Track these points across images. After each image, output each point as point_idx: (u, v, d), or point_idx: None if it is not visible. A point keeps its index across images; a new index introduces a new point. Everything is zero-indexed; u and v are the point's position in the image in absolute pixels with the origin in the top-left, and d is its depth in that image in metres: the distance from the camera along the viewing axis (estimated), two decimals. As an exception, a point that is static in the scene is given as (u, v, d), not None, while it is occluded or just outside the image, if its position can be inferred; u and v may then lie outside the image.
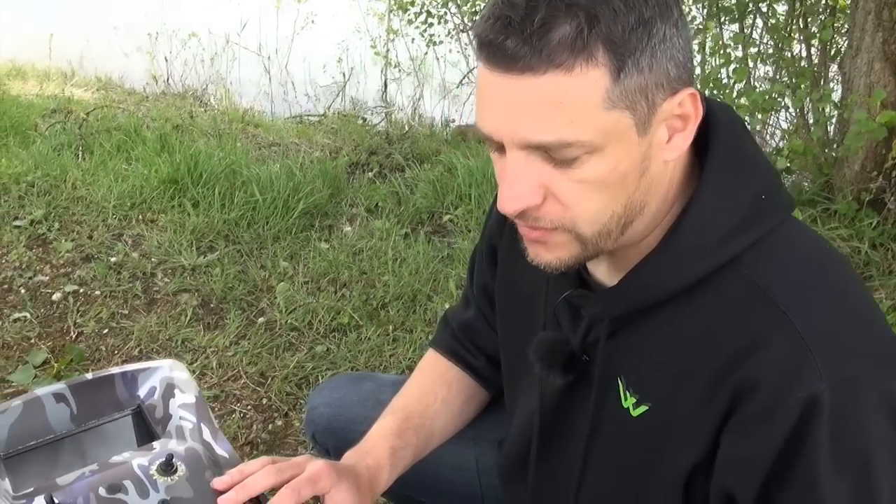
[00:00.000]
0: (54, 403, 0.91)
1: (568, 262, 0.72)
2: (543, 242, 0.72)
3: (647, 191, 0.70)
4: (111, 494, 0.80)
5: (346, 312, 2.15)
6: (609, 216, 0.69)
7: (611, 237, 0.71)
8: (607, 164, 0.66)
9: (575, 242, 0.71)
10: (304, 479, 0.84)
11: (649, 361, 0.75)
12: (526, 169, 0.67)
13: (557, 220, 0.69)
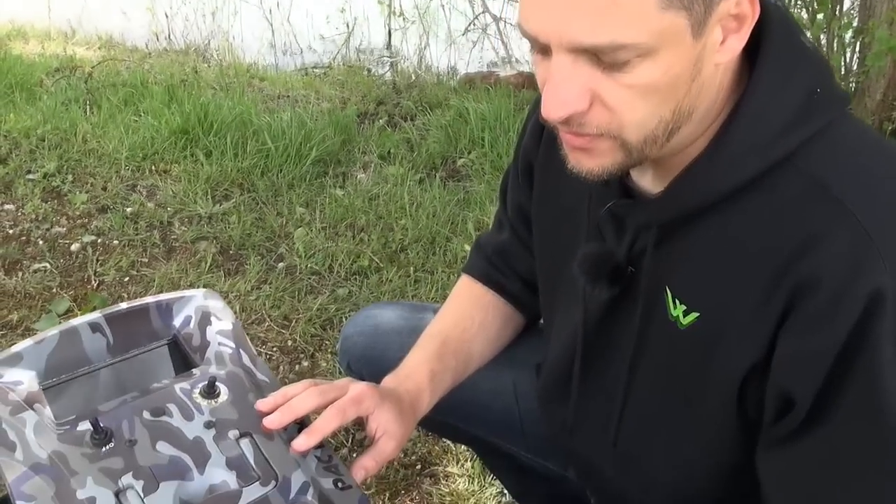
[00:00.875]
0: (90, 333, 0.90)
1: (611, 169, 0.70)
2: (586, 150, 0.69)
3: (697, 96, 0.67)
4: (155, 418, 0.79)
5: (366, 256, 2.14)
6: (657, 123, 0.66)
7: (657, 144, 0.68)
8: (659, 69, 0.63)
9: (619, 150, 0.68)
10: (348, 399, 0.83)
11: (698, 268, 0.73)
12: (573, 73, 0.64)
13: (603, 127, 0.66)
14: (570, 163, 0.71)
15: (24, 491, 0.74)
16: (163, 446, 0.76)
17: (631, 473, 0.89)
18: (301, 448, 0.79)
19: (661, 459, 0.85)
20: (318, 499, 0.75)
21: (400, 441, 0.86)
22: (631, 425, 0.85)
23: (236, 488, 0.74)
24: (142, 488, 0.72)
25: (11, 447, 0.78)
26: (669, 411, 0.81)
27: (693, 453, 0.81)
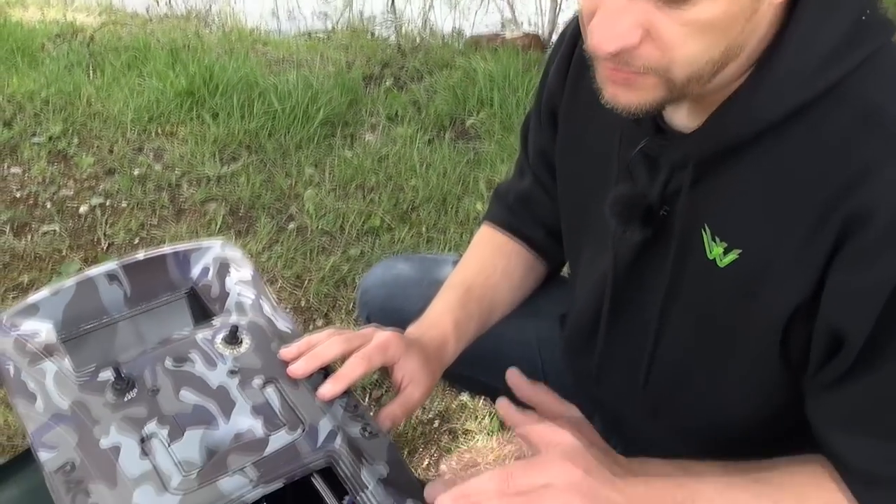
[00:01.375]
0: (107, 284, 0.88)
1: (649, 105, 0.67)
2: (628, 84, 0.66)
3: (749, 34, 0.64)
4: (177, 366, 0.77)
5: (377, 215, 2.11)
6: (706, 61, 0.63)
7: (700, 82, 0.65)
8: (720, 6, 0.60)
9: (662, 86, 0.65)
10: (373, 346, 0.81)
11: (739, 206, 0.70)
12: (629, 6, 0.61)
13: (652, 63, 0.63)
14: (606, 96, 0.68)
15: (45, 441, 0.72)
16: (186, 394, 0.75)
17: (661, 421, 0.88)
18: (327, 395, 0.77)
19: (694, 405, 0.83)
20: (346, 446, 0.73)
21: (426, 389, 0.84)
22: (661, 371, 0.84)
23: (263, 435, 0.72)
24: (167, 435, 0.71)
25: (31, 398, 0.76)
26: (704, 355, 0.79)
27: (728, 397, 0.79)
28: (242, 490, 0.67)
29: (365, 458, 0.73)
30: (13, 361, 0.79)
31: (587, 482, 0.62)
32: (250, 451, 0.70)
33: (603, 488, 0.63)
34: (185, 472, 0.68)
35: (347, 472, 0.71)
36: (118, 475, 0.68)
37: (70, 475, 0.69)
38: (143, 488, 0.67)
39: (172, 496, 0.66)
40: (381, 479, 0.72)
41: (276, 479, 0.69)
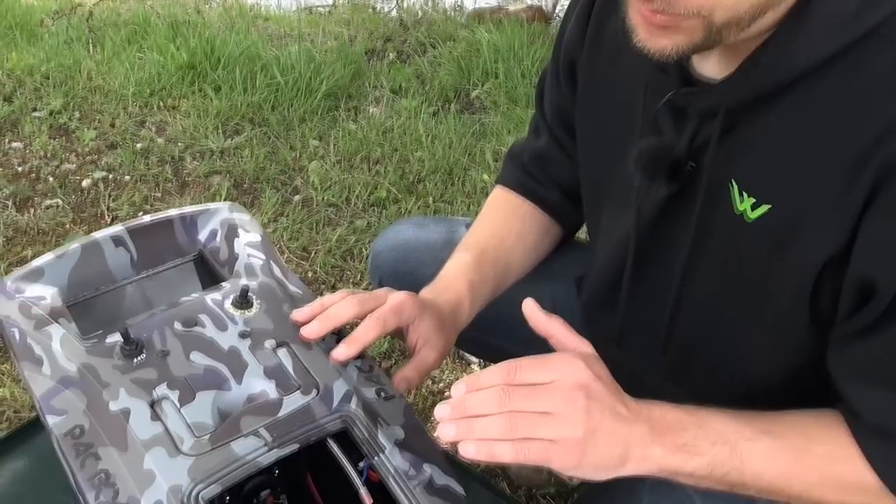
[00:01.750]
0: (113, 248, 0.86)
1: (683, 50, 0.63)
2: (664, 28, 0.63)
3: None
4: (187, 329, 0.75)
5: (384, 187, 2.09)
6: (749, 5, 0.60)
7: (739, 27, 0.61)
8: None
9: (700, 30, 0.61)
10: (387, 308, 0.79)
11: (770, 157, 0.68)
12: None
13: (695, 7, 0.59)
14: (638, 39, 0.64)
15: (53, 405, 0.70)
16: (197, 356, 0.73)
17: (682, 381, 0.86)
18: (341, 358, 0.75)
19: (717, 364, 0.81)
20: (361, 408, 0.71)
21: (441, 352, 0.82)
22: (685, 330, 0.81)
23: (276, 397, 0.70)
24: (178, 398, 0.69)
25: (38, 362, 0.74)
26: (729, 313, 0.76)
27: (752, 356, 0.77)
28: (257, 452, 0.66)
29: (381, 421, 0.71)
30: (18, 325, 0.77)
31: (596, 385, 0.63)
32: (264, 413, 0.69)
33: (609, 397, 0.64)
34: (197, 435, 0.66)
35: (363, 434, 0.69)
36: (129, 438, 0.66)
37: (79, 439, 0.68)
38: (154, 451, 0.65)
39: (185, 458, 0.65)
40: (398, 441, 0.70)
41: (290, 441, 0.67)
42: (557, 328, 0.69)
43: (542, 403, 0.61)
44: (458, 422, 0.61)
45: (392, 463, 0.68)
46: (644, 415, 0.65)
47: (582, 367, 0.63)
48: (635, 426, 0.63)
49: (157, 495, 0.63)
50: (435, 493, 0.67)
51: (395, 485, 0.66)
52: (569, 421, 0.61)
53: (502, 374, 0.63)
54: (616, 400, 0.64)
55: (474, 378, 0.64)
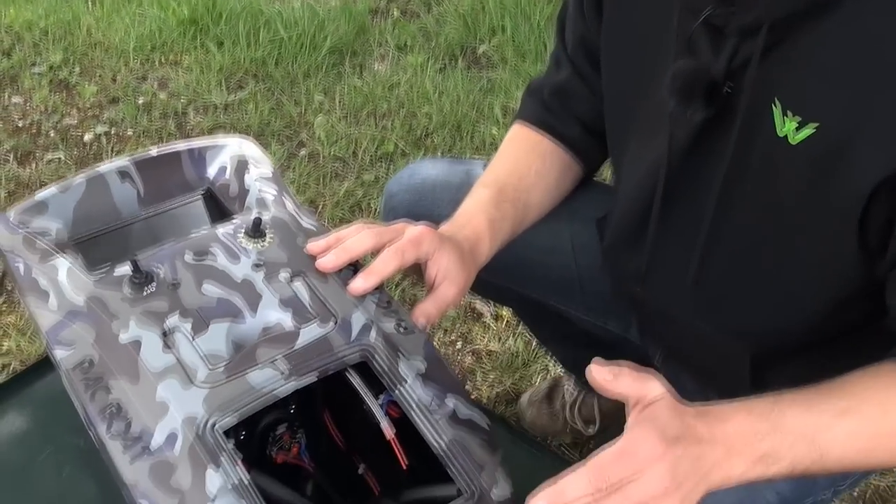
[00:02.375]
0: (119, 182, 0.83)
1: None
2: None
3: None
4: (198, 259, 0.72)
5: (391, 141, 2.05)
6: None
7: None
8: None
9: None
10: (406, 241, 0.76)
11: (815, 75, 0.64)
12: None
13: None
14: None
15: (61, 339, 0.68)
16: (209, 287, 0.70)
17: (711, 321, 0.83)
18: (358, 290, 0.72)
19: (752, 298, 0.78)
20: (381, 340, 0.68)
21: (461, 288, 0.79)
22: (717, 265, 0.78)
23: (293, 328, 0.67)
24: (190, 329, 0.66)
25: (44, 295, 0.71)
26: (767, 244, 0.73)
27: (792, 287, 0.74)
28: (273, 383, 0.63)
29: (401, 353, 0.68)
30: (23, 258, 0.74)
31: (675, 447, 0.56)
32: (280, 343, 0.66)
33: (688, 439, 0.57)
34: (211, 366, 0.64)
35: (384, 366, 0.66)
36: (140, 370, 0.64)
37: (89, 372, 0.65)
38: (167, 382, 0.62)
39: (199, 389, 0.62)
40: (420, 374, 0.67)
41: (308, 372, 0.64)
42: (626, 383, 0.59)
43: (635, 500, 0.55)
44: None
45: (414, 394, 0.65)
46: (719, 434, 0.58)
47: (657, 437, 0.56)
48: (713, 450, 0.58)
49: (171, 426, 0.60)
50: (459, 425, 0.65)
51: (417, 416, 0.64)
52: (661, 499, 0.55)
53: (588, 483, 0.54)
54: (692, 431, 0.58)
55: (556, 493, 0.55)
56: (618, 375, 0.59)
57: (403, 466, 0.64)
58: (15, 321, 1.45)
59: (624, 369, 0.59)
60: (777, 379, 0.79)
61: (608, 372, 0.60)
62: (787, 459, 0.60)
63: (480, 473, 0.62)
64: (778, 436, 0.59)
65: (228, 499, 0.57)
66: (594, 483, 0.54)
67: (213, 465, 0.58)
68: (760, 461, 0.59)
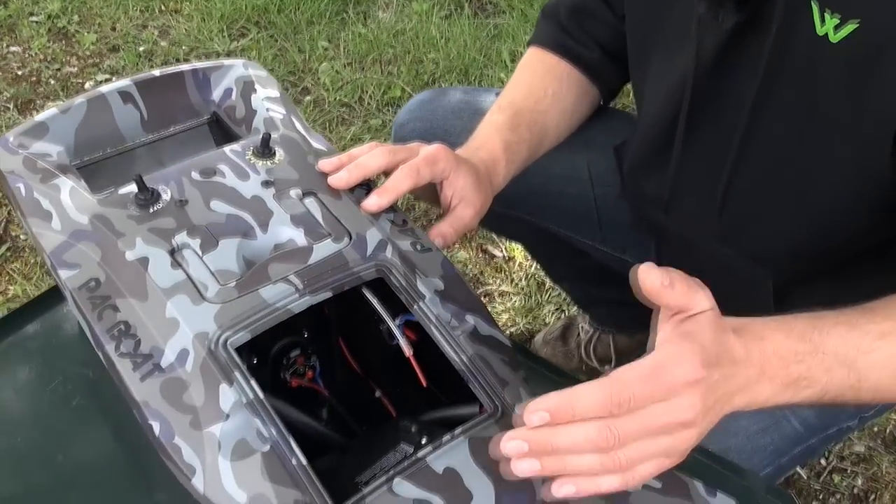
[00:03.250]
0: (121, 104, 0.80)
1: None
2: None
3: None
4: (205, 178, 0.69)
5: (398, 86, 2.01)
6: None
7: None
8: None
9: None
10: (421, 159, 0.73)
11: None
12: None
13: None
14: None
15: (65, 260, 0.65)
16: (218, 205, 0.67)
17: (738, 242, 0.80)
18: (373, 207, 0.69)
19: (778, 220, 0.75)
20: (398, 257, 0.66)
21: (478, 210, 0.76)
22: (747, 184, 0.75)
23: (306, 244, 0.65)
24: (199, 246, 0.64)
25: (46, 217, 0.69)
26: (798, 158, 0.70)
27: (821, 205, 0.71)
28: (287, 299, 0.60)
29: (419, 271, 0.66)
30: (24, 179, 0.71)
31: (711, 369, 0.49)
32: (293, 260, 0.63)
33: (725, 370, 0.51)
34: (222, 282, 0.61)
35: (401, 282, 0.64)
36: (148, 287, 0.61)
37: (95, 291, 0.63)
38: (177, 298, 0.60)
39: (210, 305, 0.60)
40: (438, 292, 0.65)
41: (323, 288, 0.62)
42: (680, 292, 0.51)
43: (656, 434, 0.48)
44: (544, 456, 0.47)
45: (433, 311, 0.63)
46: (756, 354, 0.53)
47: (697, 358, 0.49)
48: (746, 371, 0.53)
49: (182, 343, 0.58)
50: (481, 342, 0.62)
51: (437, 332, 0.62)
52: (684, 433, 0.49)
53: (608, 397, 0.46)
54: (730, 350, 0.52)
55: (564, 401, 0.47)
56: (674, 281, 0.50)
57: (423, 384, 0.62)
58: (20, 267, 1.43)
59: (677, 275, 0.51)
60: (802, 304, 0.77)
61: (665, 276, 0.50)
62: (821, 384, 0.56)
63: (503, 389, 0.60)
64: (816, 359, 0.55)
65: (243, 415, 0.55)
66: (615, 398, 0.46)
67: (227, 381, 0.56)
68: (792, 384, 0.55)
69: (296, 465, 0.53)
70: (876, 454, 1.26)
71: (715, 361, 0.50)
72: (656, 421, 0.47)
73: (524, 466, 0.47)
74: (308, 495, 0.52)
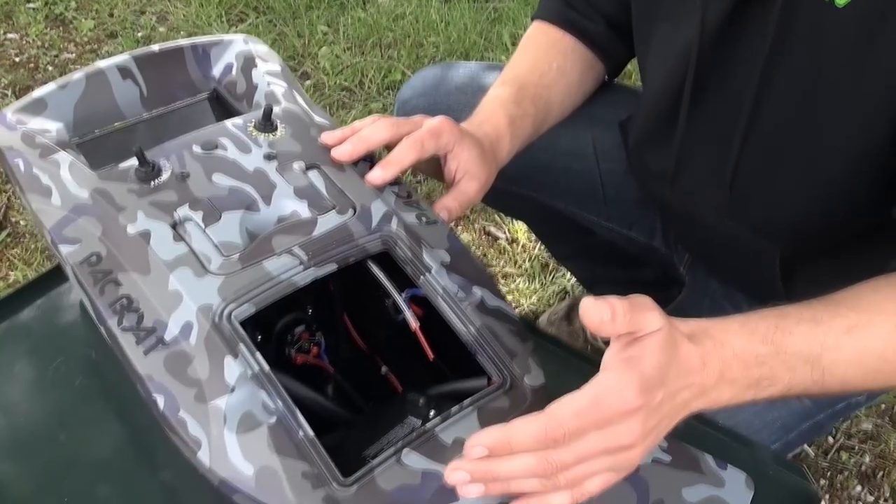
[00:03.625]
0: (120, 80, 0.79)
1: None
2: None
3: None
4: (207, 151, 0.68)
5: (398, 69, 1.99)
6: None
7: None
8: None
9: None
10: (426, 131, 0.71)
11: None
12: None
13: None
14: None
15: (66, 235, 0.64)
16: (220, 178, 0.66)
17: (745, 215, 0.79)
18: (376, 181, 0.68)
19: (786, 192, 0.74)
20: (403, 230, 0.65)
21: (482, 184, 0.75)
22: (753, 156, 0.74)
23: (310, 217, 0.64)
24: (201, 219, 0.63)
25: (46, 192, 0.68)
26: (807, 127, 0.69)
27: (829, 175, 0.70)
28: (291, 271, 0.60)
29: (425, 243, 0.65)
30: (22, 155, 0.70)
31: (655, 392, 0.49)
32: (297, 232, 0.62)
33: (673, 385, 0.50)
34: (225, 254, 0.60)
35: (407, 254, 0.63)
36: (150, 261, 0.60)
37: (96, 266, 0.62)
38: (179, 271, 0.59)
39: (214, 278, 0.59)
40: (445, 264, 0.64)
41: (328, 260, 0.61)
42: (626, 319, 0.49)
43: (597, 456, 0.49)
44: (488, 482, 0.49)
45: (440, 283, 0.62)
46: (714, 361, 0.52)
47: (635, 386, 0.48)
48: (703, 378, 0.52)
49: (186, 316, 0.57)
50: (488, 313, 0.61)
51: (444, 303, 0.61)
52: (627, 454, 0.49)
53: (543, 431, 0.47)
54: (685, 362, 0.51)
55: (501, 437, 0.48)
56: (615, 312, 0.48)
57: (430, 357, 0.61)
58: (20, 253, 1.42)
59: (619, 304, 0.49)
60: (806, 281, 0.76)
61: (605, 309, 0.49)
62: (784, 382, 0.56)
63: (512, 361, 0.59)
64: (778, 359, 0.55)
65: (248, 388, 0.54)
66: (549, 434, 0.47)
67: (232, 353, 0.55)
68: (753, 385, 0.55)
69: (303, 437, 0.52)
70: (884, 431, 1.25)
71: (658, 383, 0.49)
72: (594, 448, 0.48)
73: (470, 490, 0.49)
74: (316, 467, 0.51)
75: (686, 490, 0.70)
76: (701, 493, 0.69)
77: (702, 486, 0.70)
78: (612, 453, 0.49)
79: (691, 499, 0.69)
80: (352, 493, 0.51)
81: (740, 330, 0.55)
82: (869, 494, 1.18)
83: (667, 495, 0.69)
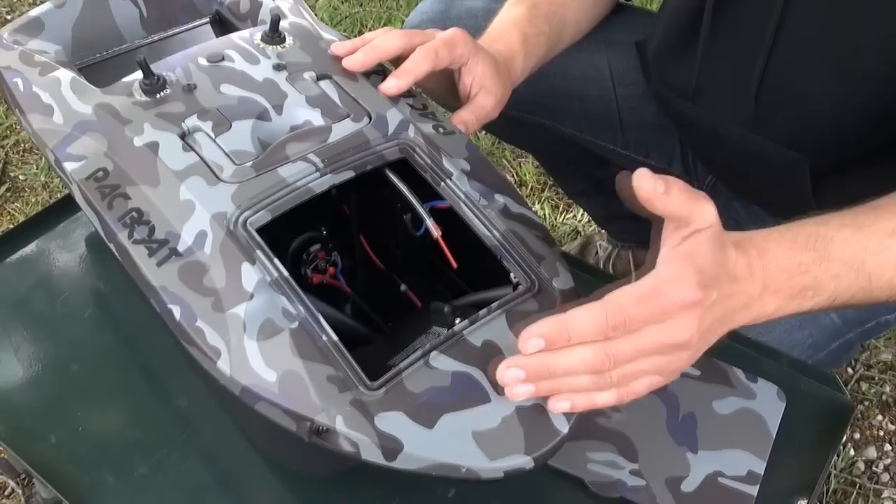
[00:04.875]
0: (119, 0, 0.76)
1: None
2: None
3: None
4: (214, 62, 0.66)
5: (398, 18, 1.95)
6: None
7: None
8: None
9: None
10: (440, 41, 0.69)
11: None
12: None
13: None
14: None
15: (70, 153, 0.62)
16: (228, 88, 0.63)
17: (769, 127, 0.76)
18: (391, 90, 0.66)
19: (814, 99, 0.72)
20: (421, 138, 0.62)
21: (498, 99, 0.73)
22: (780, 63, 0.71)
23: (324, 124, 0.61)
24: (211, 129, 0.60)
25: (48, 111, 0.65)
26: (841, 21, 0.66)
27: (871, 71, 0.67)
28: (307, 178, 0.57)
29: (444, 151, 0.62)
30: (21, 74, 0.67)
31: (710, 290, 0.47)
32: (312, 138, 0.60)
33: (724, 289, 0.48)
34: (238, 163, 0.58)
35: (426, 161, 0.61)
36: (160, 172, 0.58)
37: (104, 181, 0.59)
38: (191, 181, 0.57)
39: (227, 186, 0.56)
40: (465, 171, 0.61)
41: (344, 167, 0.58)
42: (679, 201, 0.47)
43: (650, 354, 0.47)
44: (540, 380, 0.47)
45: (461, 188, 0.59)
46: (759, 270, 0.50)
47: (694, 280, 0.46)
48: (748, 288, 0.50)
49: (199, 225, 0.55)
50: (512, 219, 0.59)
51: (466, 209, 0.58)
52: (679, 354, 0.48)
53: (604, 320, 0.45)
54: (731, 268, 0.49)
55: (560, 326, 0.46)
56: (671, 188, 0.46)
57: (454, 266, 0.59)
58: (21, 206, 1.40)
59: (676, 184, 0.47)
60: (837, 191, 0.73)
61: (660, 182, 0.46)
62: (830, 290, 0.53)
63: (539, 265, 0.57)
64: (822, 267, 0.52)
65: (268, 294, 0.52)
66: (610, 321, 0.45)
67: (249, 260, 0.53)
68: (798, 295, 0.53)
69: (326, 341, 0.50)
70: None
71: (713, 282, 0.47)
72: (651, 342, 0.46)
73: (520, 390, 0.47)
74: (342, 370, 0.49)
75: (717, 402, 0.68)
76: (732, 406, 0.68)
77: (733, 399, 0.68)
78: (665, 352, 0.47)
79: (722, 411, 0.68)
80: (379, 396, 0.49)
81: (781, 239, 0.53)
82: (890, 423, 1.17)
83: (697, 408, 0.67)
